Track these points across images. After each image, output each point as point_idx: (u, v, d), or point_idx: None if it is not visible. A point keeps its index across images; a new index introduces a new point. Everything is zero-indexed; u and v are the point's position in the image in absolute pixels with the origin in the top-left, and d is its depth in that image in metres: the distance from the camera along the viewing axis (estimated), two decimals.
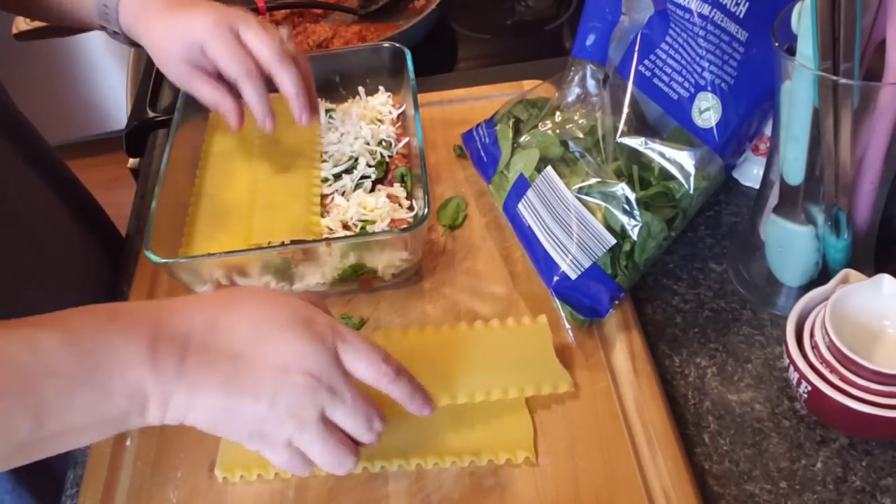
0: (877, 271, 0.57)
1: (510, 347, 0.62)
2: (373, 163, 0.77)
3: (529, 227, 0.69)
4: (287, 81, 0.69)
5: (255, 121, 0.72)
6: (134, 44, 0.74)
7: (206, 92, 0.71)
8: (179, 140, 0.76)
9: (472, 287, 0.71)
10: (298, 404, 0.48)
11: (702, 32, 0.63)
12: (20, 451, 0.45)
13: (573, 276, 0.65)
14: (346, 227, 0.71)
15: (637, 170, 0.66)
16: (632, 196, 0.64)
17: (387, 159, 0.78)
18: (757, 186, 0.69)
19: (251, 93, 0.69)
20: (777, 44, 0.55)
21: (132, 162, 1.00)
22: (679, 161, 0.65)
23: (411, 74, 0.79)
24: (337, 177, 0.76)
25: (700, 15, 0.63)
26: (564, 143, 0.70)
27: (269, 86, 0.71)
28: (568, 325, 0.64)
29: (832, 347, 0.54)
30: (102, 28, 0.73)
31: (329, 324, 0.51)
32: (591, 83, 0.74)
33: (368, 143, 0.78)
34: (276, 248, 0.66)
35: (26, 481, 0.67)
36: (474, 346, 0.62)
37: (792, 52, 0.55)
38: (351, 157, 0.77)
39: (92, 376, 0.45)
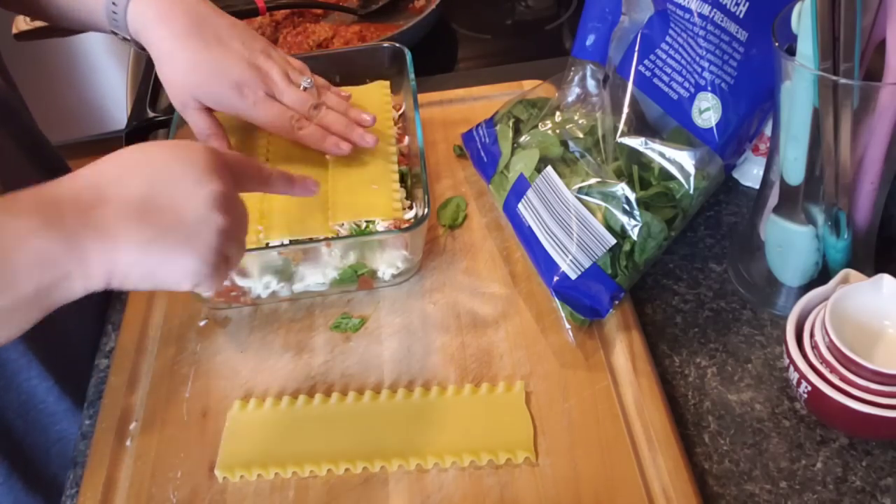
0: (877, 271, 0.57)
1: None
2: None
3: (529, 227, 0.69)
4: (332, 119, 0.72)
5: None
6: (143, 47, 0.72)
7: (203, 124, 0.71)
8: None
9: (472, 287, 0.71)
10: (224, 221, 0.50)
11: (702, 32, 0.63)
12: None
13: (573, 276, 0.65)
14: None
15: (637, 170, 0.66)
16: (632, 196, 0.64)
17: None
18: (757, 186, 0.69)
19: (313, 136, 0.71)
20: (777, 44, 0.55)
21: None
22: (679, 161, 0.65)
23: (411, 74, 0.79)
24: None
25: (700, 15, 0.63)
26: (564, 143, 0.70)
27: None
28: (568, 325, 0.64)
29: (832, 347, 0.54)
30: (113, 33, 0.71)
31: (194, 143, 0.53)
32: (591, 83, 0.74)
33: None
34: (276, 248, 0.66)
35: (19, 472, 0.67)
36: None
37: (792, 52, 0.55)
38: None
39: None
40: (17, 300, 0.44)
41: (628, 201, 0.64)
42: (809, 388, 0.55)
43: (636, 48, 0.68)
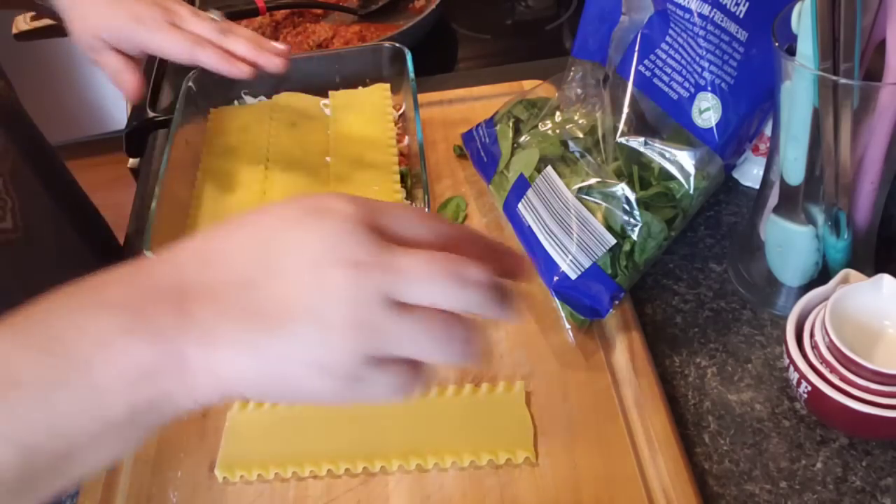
0: (877, 271, 0.57)
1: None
2: None
3: (529, 227, 0.69)
4: (239, 46, 0.67)
5: (260, 120, 0.71)
6: (56, 17, 0.71)
7: (113, 62, 0.69)
8: (179, 140, 0.76)
9: None
10: (352, 304, 0.34)
11: (702, 32, 0.63)
12: (22, 493, 0.33)
13: (573, 276, 0.65)
14: None
15: (637, 170, 0.66)
16: (632, 196, 0.64)
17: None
18: (757, 186, 0.69)
19: (213, 56, 0.66)
20: (777, 44, 0.55)
21: (132, 162, 1.00)
22: (679, 161, 0.65)
23: (411, 74, 0.79)
24: None
25: (700, 15, 0.63)
26: (564, 143, 0.70)
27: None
28: (568, 325, 0.64)
29: (832, 347, 0.54)
30: None
31: (344, 197, 0.37)
32: (591, 83, 0.74)
33: None
34: None
35: None
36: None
37: (792, 52, 0.55)
38: None
39: (64, 372, 0.33)
40: (107, 423, 0.34)
41: (628, 201, 0.64)
42: (809, 388, 0.55)
43: (636, 48, 0.68)
